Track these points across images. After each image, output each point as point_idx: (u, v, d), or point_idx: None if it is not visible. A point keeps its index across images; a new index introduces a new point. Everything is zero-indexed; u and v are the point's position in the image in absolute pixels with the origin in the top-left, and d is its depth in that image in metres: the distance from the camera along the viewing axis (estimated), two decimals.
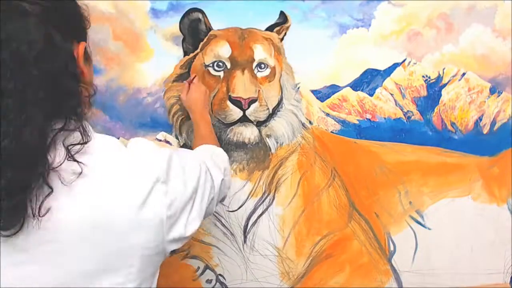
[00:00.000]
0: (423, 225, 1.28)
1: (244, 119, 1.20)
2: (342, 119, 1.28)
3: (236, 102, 1.19)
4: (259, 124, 1.22)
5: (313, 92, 1.27)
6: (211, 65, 1.21)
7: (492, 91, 1.28)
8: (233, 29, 1.22)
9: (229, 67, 1.21)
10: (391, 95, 1.28)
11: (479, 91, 1.29)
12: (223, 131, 1.21)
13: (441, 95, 1.28)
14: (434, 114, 1.28)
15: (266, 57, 1.21)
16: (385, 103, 1.28)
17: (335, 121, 1.27)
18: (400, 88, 1.28)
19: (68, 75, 0.60)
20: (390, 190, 1.27)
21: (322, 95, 1.27)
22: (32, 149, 0.55)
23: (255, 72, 1.21)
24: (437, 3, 1.24)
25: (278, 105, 1.24)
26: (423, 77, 1.28)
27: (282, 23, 1.22)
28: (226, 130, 1.21)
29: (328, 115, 1.27)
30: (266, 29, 1.22)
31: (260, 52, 1.21)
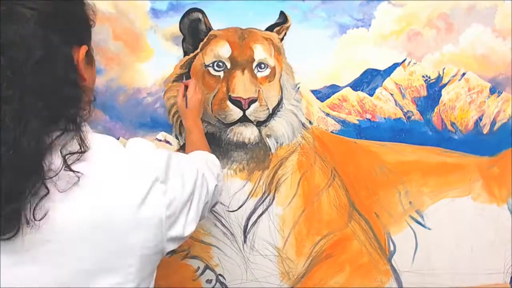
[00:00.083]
0: (423, 225, 1.27)
1: (244, 119, 1.20)
2: (342, 119, 1.28)
3: (236, 102, 1.19)
4: (259, 124, 1.22)
5: (313, 92, 1.26)
6: (211, 65, 1.21)
7: (492, 91, 1.28)
8: (233, 29, 1.22)
9: (229, 67, 1.20)
10: (391, 95, 1.28)
11: (479, 91, 1.29)
12: (223, 131, 1.22)
13: (441, 95, 1.28)
14: (434, 114, 1.28)
15: (266, 57, 1.21)
16: (385, 103, 1.28)
17: (335, 121, 1.27)
18: (400, 88, 1.28)
19: (68, 83, 0.59)
20: (390, 190, 1.27)
21: (322, 95, 1.27)
22: (29, 156, 0.54)
23: (255, 72, 1.21)
24: (437, 3, 1.24)
25: (278, 105, 1.24)
26: (423, 77, 1.28)
27: (282, 23, 1.22)
28: (226, 130, 1.21)
29: (328, 115, 1.27)
30: (266, 29, 1.22)
31: (260, 52, 1.21)
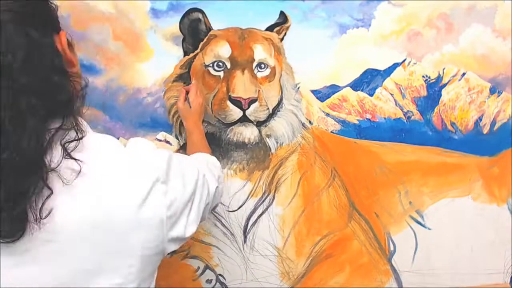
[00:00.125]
0: (423, 225, 1.27)
1: (244, 119, 1.20)
2: (342, 119, 1.28)
3: (236, 102, 1.18)
4: (259, 124, 1.22)
5: (313, 92, 1.26)
6: (211, 65, 1.21)
7: (492, 91, 1.28)
8: (233, 29, 1.22)
9: (229, 67, 1.20)
10: (391, 95, 1.28)
11: (479, 91, 1.28)
12: (223, 131, 1.22)
13: (441, 95, 1.28)
14: (434, 114, 1.28)
15: (266, 57, 1.21)
16: (385, 103, 1.28)
17: (335, 121, 1.27)
18: (400, 88, 1.28)
19: (56, 71, 0.59)
20: (390, 190, 1.27)
21: (322, 95, 1.27)
22: (30, 155, 0.54)
23: (255, 72, 1.21)
24: (437, 3, 1.24)
25: (278, 105, 1.24)
26: (423, 77, 1.28)
27: (282, 23, 1.22)
28: (226, 130, 1.21)
29: (328, 115, 1.27)
30: (266, 29, 1.22)
31: (260, 52, 1.21)
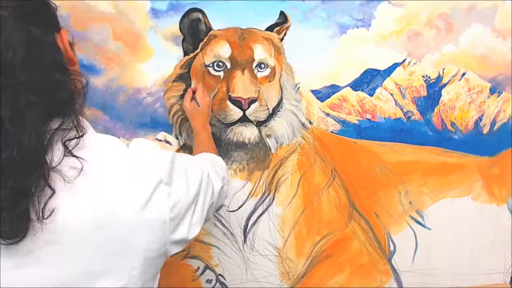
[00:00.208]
0: (423, 225, 1.27)
1: (244, 119, 1.20)
2: (342, 119, 1.28)
3: (236, 102, 1.18)
4: (259, 124, 1.22)
5: (313, 92, 1.26)
6: (211, 65, 1.21)
7: (492, 91, 1.28)
8: (233, 29, 1.22)
9: (229, 67, 1.20)
10: (391, 95, 1.28)
11: (479, 91, 1.28)
12: (223, 131, 1.21)
13: (441, 95, 1.28)
14: (434, 114, 1.28)
15: (266, 57, 1.21)
16: (385, 103, 1.28)
17: (335, 121, 1.27)
18: (400, 88, 1.28)
19: (58, 69, 0.59)
20: (390, 190, 1.27)
21: (322, 95, 1.27)
22: (31, 154, 0.54)
23: (255, 72, 1.21)
24: (437, 3, 1.24)
25: (278, 105, 1.24)
26: (423, 77, 1.28)
27: (282, 23, 1.22)
28: (226, 130, 1.21)
29: (328, 115, 1.27)
30: (266, 29, 1.22)
31: (260, 52, 1.21)
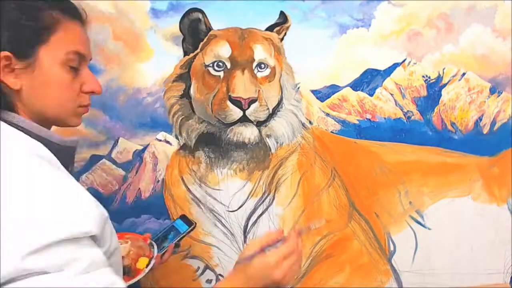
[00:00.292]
0: (423, 225, 1.27)
1: (244, 119, 1.20)
2: (342, 119, 1.28)
3: (236, 102, 1.18)
4: (259, 124, 1.22)
5: (313, 92, 1.26)
6: (211, 65, 1.21)
7: (492, 91, 1.28)
8: (233, 29, 1.22)
9: (229, 67, 1.20)
10: (391, 95, 1.28)
11: (479, 91, 1.28)
12: (223, 131, 1.21)
13: (441, 95, 1.28)
14: (434, 114, 1.28)
15: (266, 57, 1.21)
16: (385, 103, 1.28)
17: (335, 121, 1.27)
18: (400, 88, 1.28)
19: None
20: (390, 190, 1.27)
21: (322, 95, 1.27)
22: None
23: (255, 72, 1.21)
24: (437, 3, 1.24)
25: (278, 105, 1.24)
26: (423, 77, 1.28)
27: (282, 23, 1.22)
28: (226, 130, 1.21)
29: (328, 115, 1.27)
30: (266, 29, 1.22)
31: (260, 52, 1.21)
